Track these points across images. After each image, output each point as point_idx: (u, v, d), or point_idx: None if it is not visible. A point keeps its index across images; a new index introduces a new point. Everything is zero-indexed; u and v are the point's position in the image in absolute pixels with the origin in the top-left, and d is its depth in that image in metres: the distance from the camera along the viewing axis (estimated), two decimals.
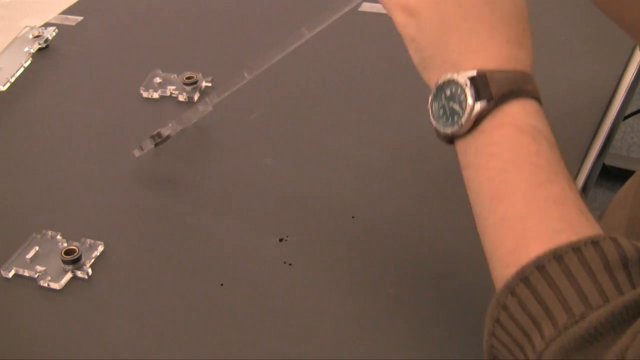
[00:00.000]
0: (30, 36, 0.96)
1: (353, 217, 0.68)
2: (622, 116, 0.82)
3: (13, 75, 0.90)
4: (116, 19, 1.03)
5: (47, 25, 0.99)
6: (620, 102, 0.81)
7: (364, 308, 0.60)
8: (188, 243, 0.67)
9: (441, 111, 0.49)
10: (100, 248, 0.65)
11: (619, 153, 1.85)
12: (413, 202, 0.69)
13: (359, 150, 0.76)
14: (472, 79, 0.47)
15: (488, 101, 0.46)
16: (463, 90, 0.47)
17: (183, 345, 0.57)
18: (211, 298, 0.61)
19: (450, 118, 0.48)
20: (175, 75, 0.87)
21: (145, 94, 0.86)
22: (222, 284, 0.62)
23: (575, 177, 0.71)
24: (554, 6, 0.97)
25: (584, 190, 0.72)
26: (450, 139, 0.49)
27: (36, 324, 0.60)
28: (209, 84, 0.86)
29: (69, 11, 1.04)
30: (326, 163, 0.74)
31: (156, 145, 0.72)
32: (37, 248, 0.65)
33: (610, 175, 1.47)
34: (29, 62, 0.93)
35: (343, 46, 0.92)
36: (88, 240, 0.66)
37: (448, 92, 0.48)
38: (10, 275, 0.64)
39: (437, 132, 0.50)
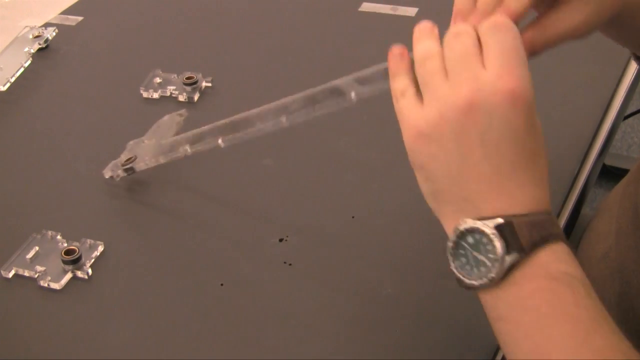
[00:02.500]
0: (30, 36, 0.96)
1: (353, 217, 0.68)
2: (622, 116, 0.82)
3: (13, 75, 0.90)
4: (116, 19, 1.03)
5: (47, 25, 1.00)
6: (620, 102, 0.81)
7: (363, 308, 0.60)
8: (188, 243, 0.67)
9: (464, 259, 0.45)
10: (100, 248, 0.65)
11: (619, 153, 1.84)
12: (413, 202, 0.69)
13: (359, 150, 0.75)
14: (498, 228, 0.43)
15: (519, 253, 0.43)
16: (490, 241, 0.43)
17: (183, 345, 0.58)
18: (211, 298, 0.61)
19: (475, 269, 0.44)
20: (175, 76, 0.87)
21: (145, 94, 0.86)
22: (222, 284, 0.62)
23: (575, 177, 0.71)
24: None
25: (584, 190, 0.72)
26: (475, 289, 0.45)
27: (36, 324, 0.60)
28: (209, 84, 0.86)
29: (69, 11, 1.04)
30: (326, 163, 0.74)
31: (128, 175, 0.72)
32: (37, 248, 0.65)
33: (610, 175, 1.46)
34: (29, 62, 0.93)
35: (343, 46, 0.92)
36: (88, 241, 0.66)
37: (471, 240, 0.44)
38: (11, 275, 0.64)
39: (460, 281, 0.45)
